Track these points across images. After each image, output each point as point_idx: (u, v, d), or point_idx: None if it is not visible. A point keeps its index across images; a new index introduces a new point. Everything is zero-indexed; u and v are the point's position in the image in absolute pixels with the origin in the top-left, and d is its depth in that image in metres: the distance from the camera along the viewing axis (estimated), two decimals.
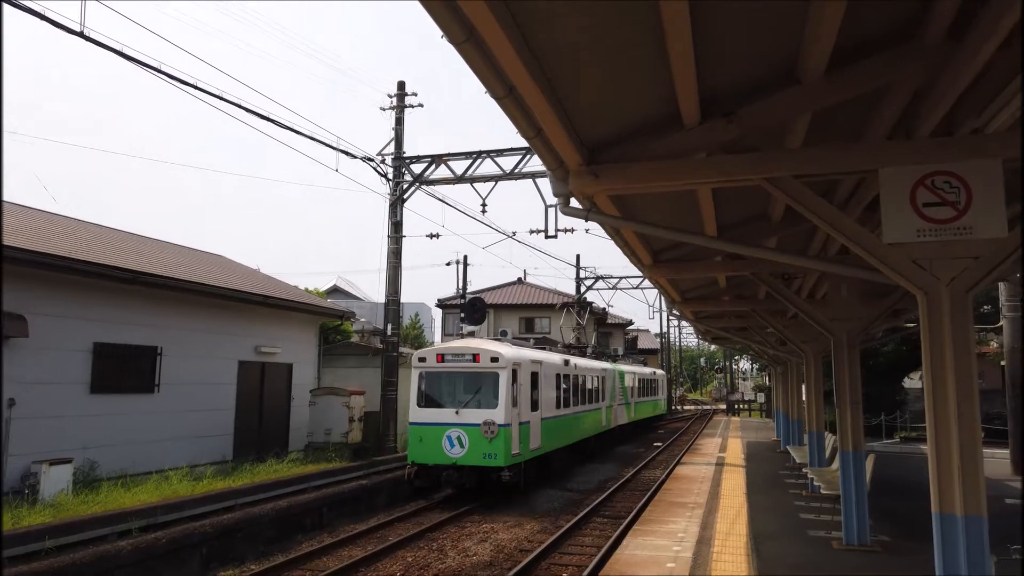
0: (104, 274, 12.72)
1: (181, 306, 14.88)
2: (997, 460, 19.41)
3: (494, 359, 14.97)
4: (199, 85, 12.38)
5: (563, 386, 19.08)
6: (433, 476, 14.73)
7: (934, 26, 4.01)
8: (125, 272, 13.11)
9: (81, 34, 10.18)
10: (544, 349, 20.13)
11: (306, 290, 28.89)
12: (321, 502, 13.11)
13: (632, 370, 32.24)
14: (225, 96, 12.94)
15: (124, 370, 13.61)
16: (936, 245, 4.42)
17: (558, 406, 18.53)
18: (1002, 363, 20.36)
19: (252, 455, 15.91)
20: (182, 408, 14.76)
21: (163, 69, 11.63)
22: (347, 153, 17.36)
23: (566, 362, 19.85)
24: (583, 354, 25.41)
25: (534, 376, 16.57)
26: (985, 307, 26.11)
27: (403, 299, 20.37)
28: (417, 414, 15.13)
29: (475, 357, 15.08)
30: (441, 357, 15.33)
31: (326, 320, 20.69)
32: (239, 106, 13.32)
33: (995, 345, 29.64)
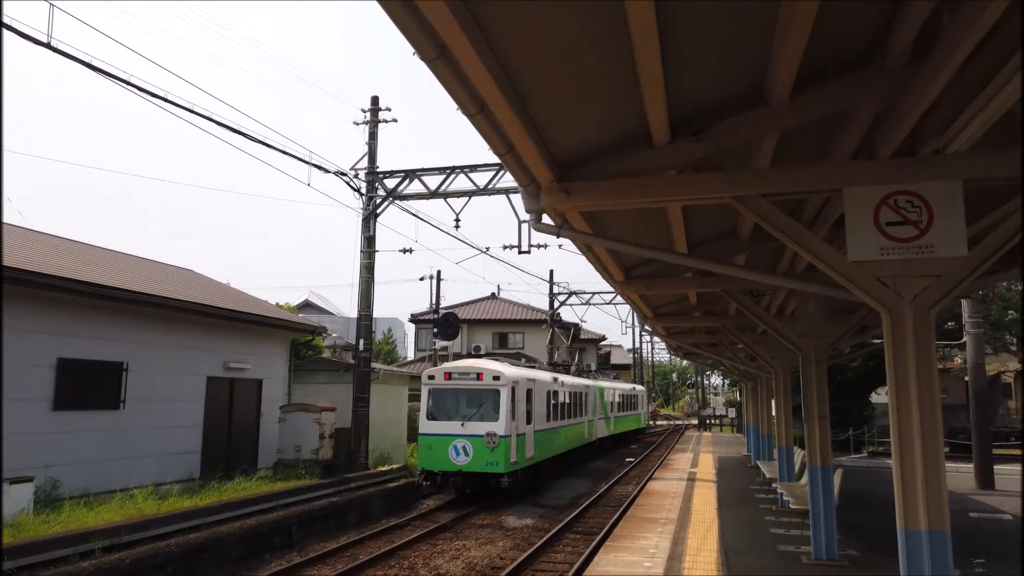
0: (68, 288, 12.47)
1: (148, 321, 14.64)
2: (962, 474, 19.75)
3: (496, 377, 16.81)
4: (169, 97, 12.27)
5: (552, 402, 20.81)
6: (440, 481, 16.75)
7: (895, 50, 4.13)
8: (89, 286, 12.87)
9: (48, 45, 10.04)
10: (533, 367, 21.82)
11: (277, 305, 28.58)
12: (290, 520, 12.91)
13: (612, 386, 33.96)
14: (196, 109, 12.83)
15: (89, 386, 13.33)
16: (899, 263, 4.51)
17: (548, 420, 20.31)
18: (966, 378, 20.75)
19: (220, 472, 15.63)
20: (148, 425, 14.48)
21: (132, 81, 11.51)
22: (320, 167, 17.29)
23: (555, 379, 21.66)
24: (567, 372, 27.07)
25: (529, 393, 18.39)
26: (949, 324, 26.66)
27: (376, 314, 20.24)
28: (426, 426, 16.99)
29: (479, 376, 16.92)
30: (448, 375, 17.21)
31: (297, 335, 20.47)
32: (211, 119, 13.21)
33: (959, 361, 30.23)
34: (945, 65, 3.68)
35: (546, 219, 5.94)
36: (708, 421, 55.08)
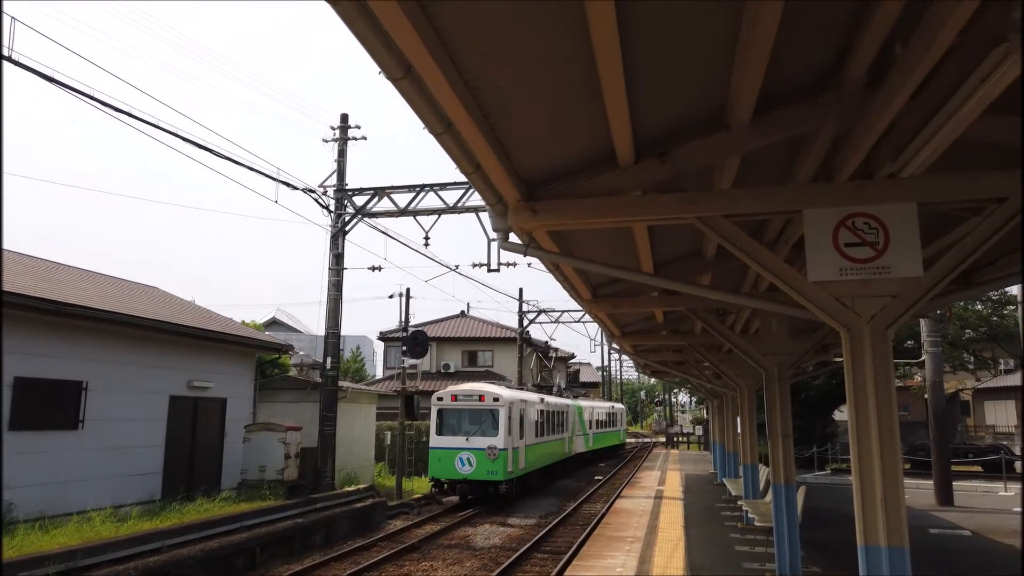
0: (26, 305, 12.18)
1: (109, 339, 14.34)
2: (922, 491, 20.10)
3: (495, 399, 19.76)
4: (135, 113, 12.12)
5: (539, 420, 23.62)
6: (448, 488, 19.57)
7: (851, 77, 4.26)
8: (48, 303, 12.58)
9: (9, 58, 9.87)
10: (523, 388, 24.95)
11: (243, 323, 28.20)
12: (254, 542, 12.66)
13: (592, 405, 37.42)
14: (161, 125, 12.69)
15: (46, 406, 12.99)
16: (857, 283, 4.61)
17: (536, 436, 23.12)
18: (925, 396, 21.19)
19: (182, 494, 15.30)
20: (108, 445, 14.14)
21: (96, 96, 11.36)
22: (288, 184, 17.17)
23: (541, 400, 24.67)
24: (550, 393, 30.40)
25: (522, 412, 21.23)
26: (909, 342, 27.23)
27: (344, 332, 20.07)
28: (436, 441, 19.78)
29: (481, 397, 19.87)
30: (455, 397, 20.17)
31: (263, 353, 20.20)
32: (177, 135, 13.07)
33: (919, 379, 30.84)
34: (898, 92, 3.80)
35: (513, 238, 5.96)
36: (676, 439, 55.34)
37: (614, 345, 20.36)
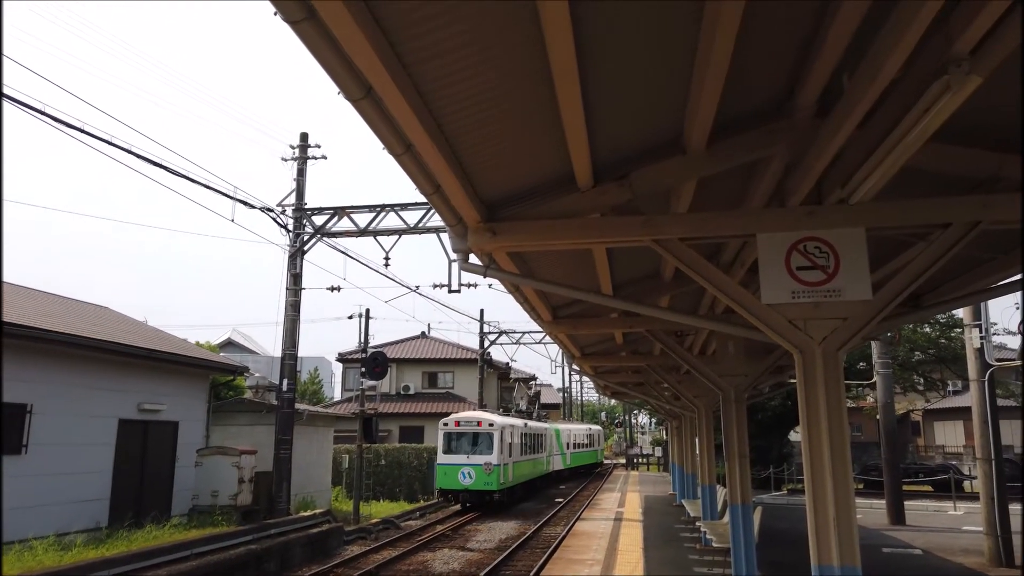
0: None
1: (56, 360, 13.89)
2: (875, 510, 20.48)
3: (491, 424, 24.21)
4: (87, 129, 11.88)
5: (522, 441, 27.91)
6: (452, 496, 24.37)
7: (801, 106, 4.40)
8: None
9: None
10: (509, 415, 29.99)
11: (197, 344, 27.59)
12: (204, 569, 12.29)
13: (570, 428, 42.89)
14: (115, 141, 12.45)
15: None
16: (809, 306, 4.72)
17: (521, 454, 27.50)
18: (877, 416, 21.65)
19: (129, 520, 14.82)
20: (53, 471, 13.64)
21: (47, 111, 11.11)
22: (245, 203, 16.94)
23: (525, 424, 29.22)
24: (531, 417, 35.28)
25: (511, 434, 25.59)
26: (861, 364, 27.84)
27: (302, 353, 19.78)
28: (442, 459, 24.07)
29: (479, 423, 24.30)
30: (457, 423, 24.41)
31: (217, 375, 19.77)
32: (130, 152, 12.83)
33: (871, 400, 31.52)
34: (846, 121, 3.92)
35: (474, 259, 5.97)
36: (636, 460, 55.56)
37: (575, 367, 20.48)
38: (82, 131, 11.80)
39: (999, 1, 2.86)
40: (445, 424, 24.54)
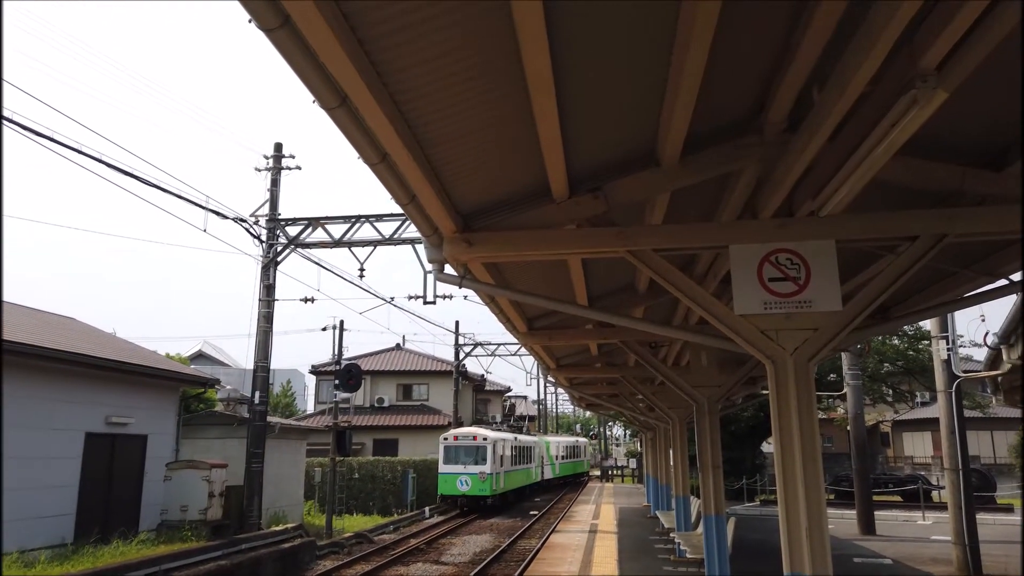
0: None
1: (20, 372, 13.57)
2: (846, 520, 20.70)
3: (484, 438, 27.60)
4: (56, 138, 11.69)
5: (512, 453, 31.38)
6: (450, 502, 27.74)
7: (772, 121, 4.47)
8: None
9: None
10: (501, 429, 34.75)
11: (167, 356, 27.17)
12: None
13: (558, 440, 47.00)
14: (83, 150, 12.26)
15: None
16: (781, 317, 4.78)
17: (512, 464, 31.09)
18: (847, 428, 21.92)
19: (96, 536, 14.48)
20: (16, 486, 13.29)
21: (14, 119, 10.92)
22: (217, 213, 16.76)
23: (515, 438, 32.86)
24: (521, 432, 40.03)
25: (502, 447, 29.20)
26: (831, 376, 28.19)
27: (274, 365, 19.57)
28: (443, 468, 27.52)
29: (474, 438, 27.76)
30: (456, 438, 27.96)
31: (188, 388, 19.45)
32: (101, 161, 12.65)
33: (841, 411, 31.91)
34: (816, 135, 3.99)
35: (449, 269, 5.97)
36: (610, 472, 55.61)
37: (550, 378, 20.49)
38: (51, 139, 11.61)
39: (963, 19, 2.94)
40: (445, 439, 28.23)
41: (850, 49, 3.42)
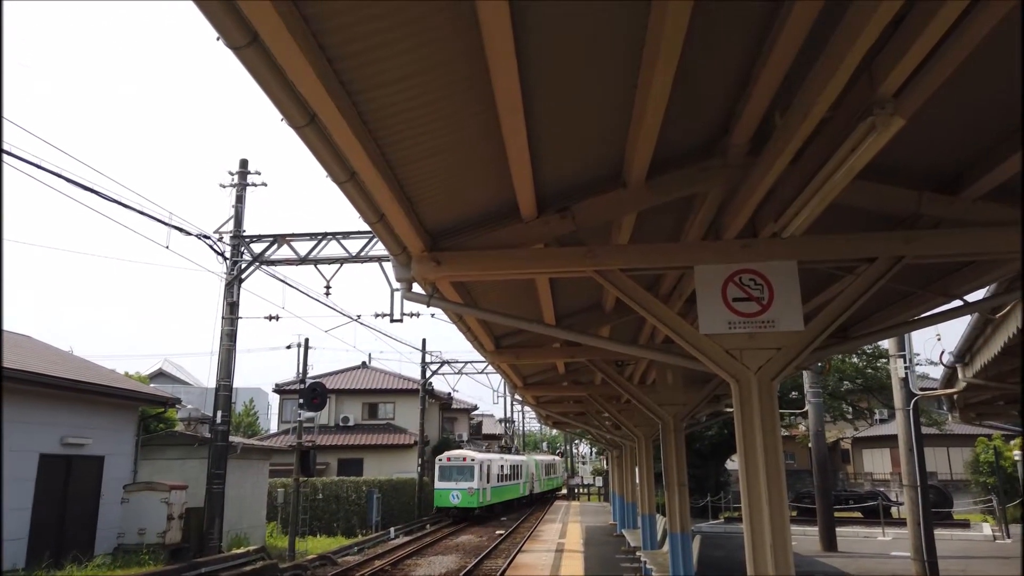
0: None
1: None
2: (809, 537, 20.92)
3: (472, 459, 32.39)
4: (14, 152, 11.42)
5: (499, 471, 36.01)
6: (444, 512, 32.27)
7: (736, 144, 4.56)
8: None
9: None
10: (491, 451, 41.25)
11: (127, 374, 26.55)
12: None
13: (541, 459, 52.23)
14: (44, 165, 12.01)
15: None
16: (744, 337, 4.85)
17: (498, 481, 35.53)
18: (809, 445, 22.22)
19: (48, 561, 14.02)
20: None
21: None
22: (180, 229, 16.51)
23: (501, 458, 38.10)
24: (510, 452, 47.37)
25: (488, 466, 33.76)
26: (793, 393, 28.60)
27: (237, 384, 19.23)
28: (439, 484, 32.24)
29: (464, 459, 32.50)
30: (448, 459, 32.74)
31: (147, 407, 19.03)
32: (60, 176, 12.39)
33: (803, 428, 32.35)
34: (778, 159, 4.09)
35: (417, 288, 5.94)
36: (576, 490, 55.52)
37: (517, 396, 20.44)
38: (9, 154, 11.35)
39: (920, 48, 3.04)
40: (440, 459, 33.16)
41: (811, 75, 3.51)
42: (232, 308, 18.33)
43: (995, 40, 3.29)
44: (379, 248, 17.30)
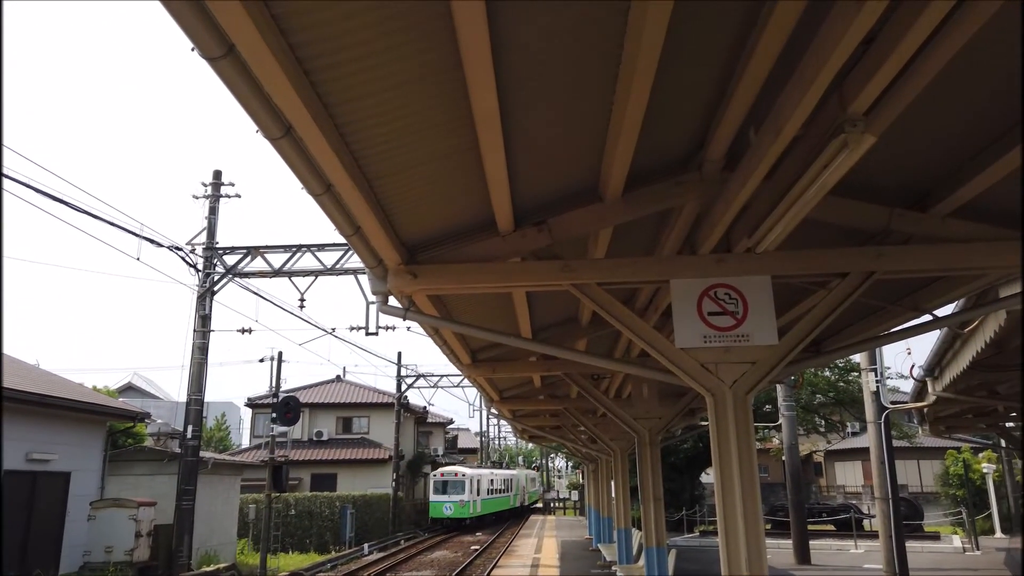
0: None
1: None
2: (783, 550, 21.03)
3: (463, 475, 35.99)
4: None
5: (488, 485, 39.38)
6: (439, 522, 35.75)
7: (711, 159, 4.62)
8: None
9: None
10: (482, 467, 44.99)
11: (95, 388, 26.04)
12: None
13: (526, 474, 55.86)
14: (11, 175, 11.79)
15: None
16: (720, 351, 4.88)
17: (488, 494, 39.12)
18: (782, 458, 22.39)
19: None
20: None
21: None
22: (152, 241, 16.28)
23: (491, 473, 41.65)
24: (500, 467, 52.76)
25: (479, 481, 37.41)
26: (767, 407, 28.84)
27: (209, 398, 18.95)
28: (433, 497, 35.99)
29: (456, 474, 36.20)
30: (443, 475, 36.37)
31: (115, 422, 18.65)
32: (28, 186, 12.18)
33: (776, 441, 32.61)
34: (752, 175, 4.13)
35: (393, 301, 5.91)
36: (552, 504, 55.35)
37: (493, 410, 20.39)
38: None
39: (890, 67, 3.10)
40: (435, 475, 37.07)
41: (784, 94, 3.57)
42: (204, 321, 18.10)
43: (962, 60, 3.37)
44: (355, 260, 17.20)
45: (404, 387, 37.20)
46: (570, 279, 5.19)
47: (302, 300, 18.03)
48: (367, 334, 19.43)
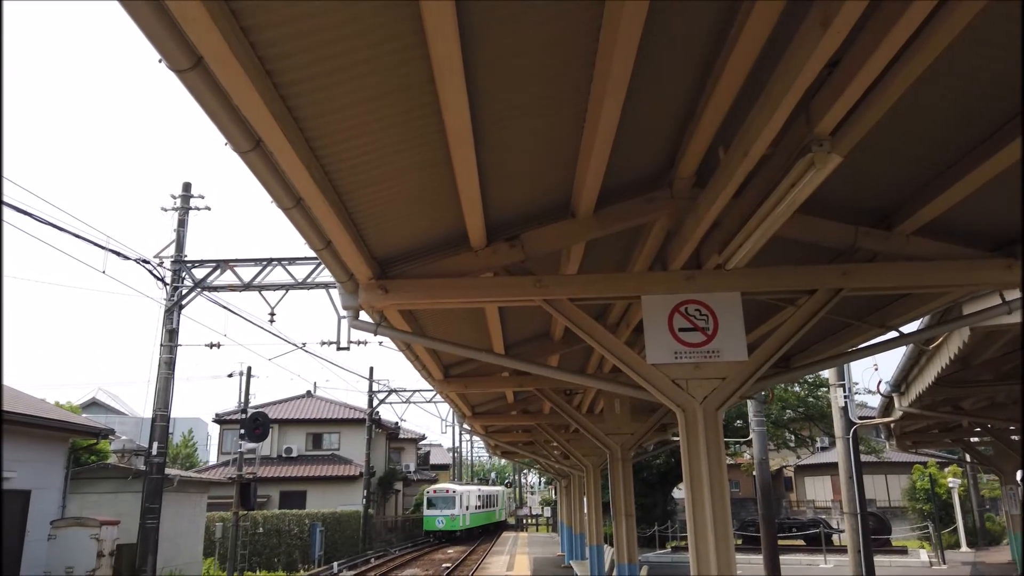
0: None
1: None
2: (753, 565, 21.13)
3: (454, 491, 39.31)
4: None
5: (476, 501, 42.76)
6: (432, 534, 38.60)
7: (681, 177, 4.67)
8: None
9: None
10: (471, 483, 50.26)
11: (57, 404, 25.43)
12: None
13: (505, 490, 61.12)
14: None
15: None
16: (690, 367, 4.91)
17: (475, 508, 42.22)
18: (753, 473, 22.54)
19: None
20: None
21: None
22: (118, 253, 16.01)
23: (479, 490, 45.53)
24: (487, 483, 58.27)
25: (468, 496, 40.66)
26: (738, 422, 29.07)
27: (175, 414, 18.61)
28: (427, 511, 38.97)
29: (447, 491, 39.44)
30: (435, 491, 39.67)
31: (78, 439, 18.22)
32: None
33: (747, 456, 32.84)
34: (721, 192, 4.18)
35: (364, 316, 5.85)
36: (525, 521, 55.10)
37: (465, 426, 20.29)
38: None
39: (855, 88, 3.17)
40: (427, 491, 40.22)
41: (752, 114, 3.62)
42: (171, 335, 17.80)
43: (926, 83, 3.45)
44: (326, 275, 17.07)
45: (376, 402, 36.86)
46: (542, 294, 5.19)
47: (272, 314, 17.84)
48: (338, 349, 19.23)
